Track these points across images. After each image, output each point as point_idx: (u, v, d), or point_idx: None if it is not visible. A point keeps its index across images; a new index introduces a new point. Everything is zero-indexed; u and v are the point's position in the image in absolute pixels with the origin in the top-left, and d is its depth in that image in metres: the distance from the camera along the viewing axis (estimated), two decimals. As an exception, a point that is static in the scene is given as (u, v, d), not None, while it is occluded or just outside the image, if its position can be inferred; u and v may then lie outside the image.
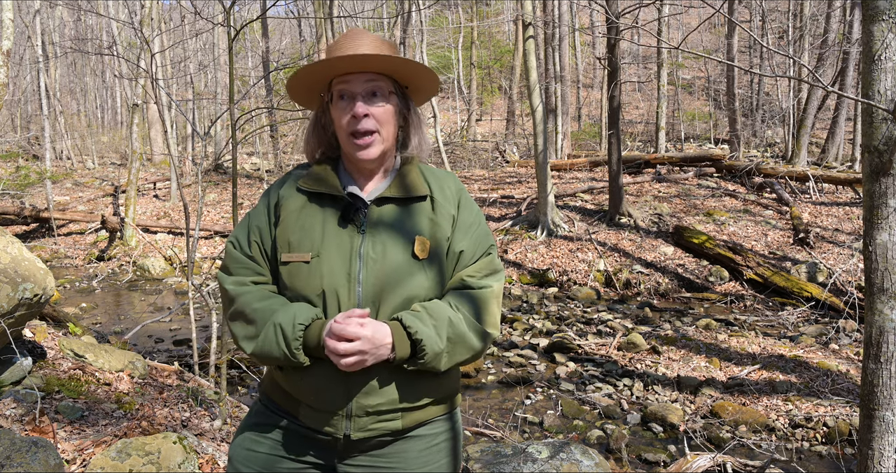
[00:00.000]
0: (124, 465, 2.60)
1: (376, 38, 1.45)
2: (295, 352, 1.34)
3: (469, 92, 25.40)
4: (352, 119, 1.41)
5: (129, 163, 12.14)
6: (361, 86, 1.41)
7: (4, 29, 4.89)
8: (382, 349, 1.33)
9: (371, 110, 1.41)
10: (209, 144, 19.73)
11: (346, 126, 1.42)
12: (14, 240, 3.24)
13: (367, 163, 1.45)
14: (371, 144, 1.42)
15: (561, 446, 3.52)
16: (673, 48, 2.72)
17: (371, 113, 1.41)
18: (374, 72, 1.42)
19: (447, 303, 1.41)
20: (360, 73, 1.41)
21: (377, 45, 1.44)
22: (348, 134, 1.42)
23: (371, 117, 1.41)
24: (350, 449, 1.43)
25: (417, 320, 1.35)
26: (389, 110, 1.44)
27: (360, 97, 1.40)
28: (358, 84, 1.41)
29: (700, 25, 4.22)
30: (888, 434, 2.57)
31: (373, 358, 1.33)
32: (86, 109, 30.18)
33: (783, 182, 11.92)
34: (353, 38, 1.43)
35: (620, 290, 9.10)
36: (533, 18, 10.54)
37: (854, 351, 6.04)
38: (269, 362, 1.41)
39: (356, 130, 1.40)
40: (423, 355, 1.35)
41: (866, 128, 2.53)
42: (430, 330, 1.35)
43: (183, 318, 7.82)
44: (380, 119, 1.42)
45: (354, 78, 1.41)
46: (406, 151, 1.52)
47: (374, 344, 1.31)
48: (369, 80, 1.41)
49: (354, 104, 1.40)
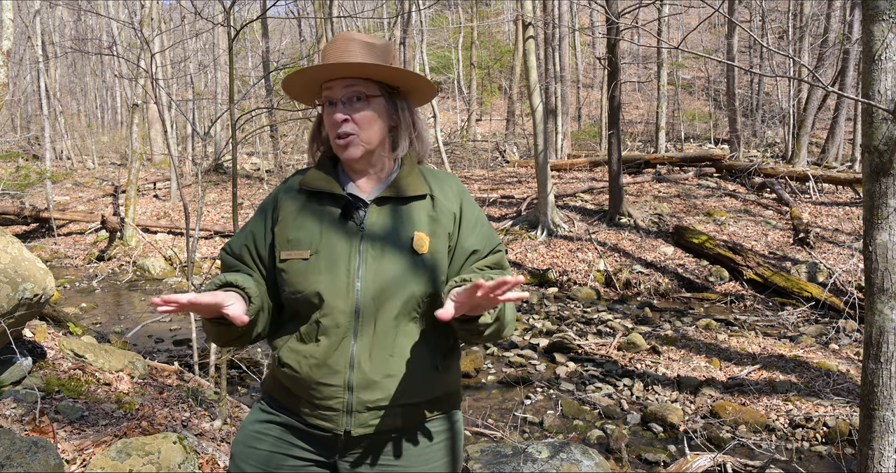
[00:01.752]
0: (124, 465, 2.60)
1: (363, 42, 1.46)
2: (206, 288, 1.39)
3: (469, 92, 25.40)
4: (333, 124, 1.45)
5: (129, 163, 12.14)
6: (341, 92, 1.44)
7: (4, 29, 4.89)
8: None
9: (350, 115, 1.44)
10: (209, 144, 19.72)
11: (331, 130, 1.46)
12: (14, 240, 3.24)
13: (353, 163, 1.48)
14: (350, 145, 1.44)
15: (561, 446, 3.52)
16: (673, 48, 2.72)
17: (350, 117, 1.44)
18: (354, 78, 1.45)
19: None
20: (340, 79, 1.45)
21: (364, 50, 1.45)
22: (333, 138, 1.46)
23: (350, 121, 1.44)
24: (351, 446, 1.44)
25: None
26: (369, 114, 1.46)
27: (341, 103, 1.44)
28: (338, 90, 1.45)
29: (700, 25, 4.22)
30: (888, 434, 2.57)
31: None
32: (86, 109, 30.18)
33: (783, 182, 11.92)
34: (338, 45, 1.46)
35: (620, 290, 9.10)
36: (533, 18, 10.54)
37: (854, 351, 6.04)
38: (209, 332, 1.43)
39: (337, 134, 1.45)
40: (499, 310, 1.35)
41: (866, 128, 2.53)
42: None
43: (183, 318, 7.82)
44: (359, 122, 1.44)
45: (335, 84, 1.45)
46: (397, 152, 1.52)
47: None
48: (348, 85, 1.44)
49: (335, 109, 1.44)
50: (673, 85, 24.08)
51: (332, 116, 1.44)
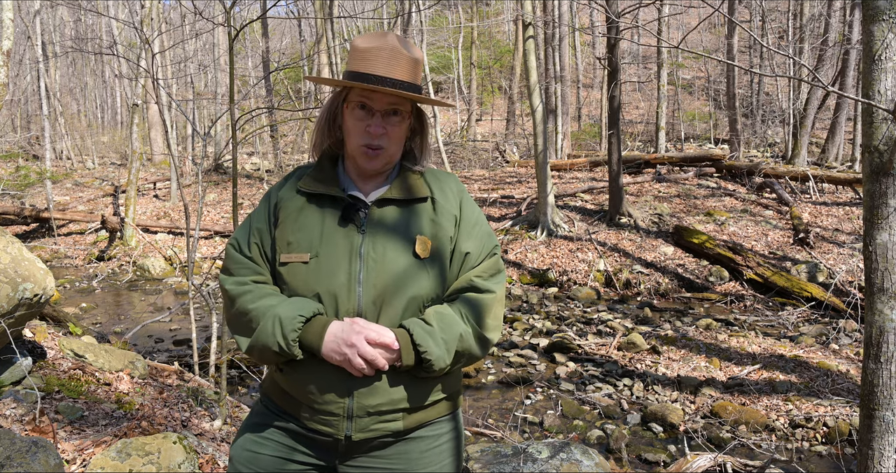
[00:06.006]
0: (124, 465, 2.60)
1: (406, 56, 1.43)
2: (291, 344, 1.34)
3: (469, 92, 25.39)
4: (366, 132, 1.43)
5: (129, 163, 12.14)
6: (383, 105, 1.43)
7: (4, 29, 4.89)
8: (388, 354, 1.36)
9: (387, 129, 1.44)
10: (209, 144, 19.72)
11: (360, 137, 1.44)
12: (14, 240, 3.24)
13: (369, 171, 1.48)
14: (378, 157, 1.45)
15: (561, 446, 3.52)
16: (673, 47, 2.72)
17: (387, 131, 1.43)
18: (399, 96, 1.44)
19: (458, 313, 1.42)
20: (383, 94, 1.43)
21: (407, 66, 1.43)
22: (360, 144, 1.44)
23: (386, 136, 1.44)
24: (351, 450, 1.43)
25: (428, 336, 1.36)
26: (404, 129, 1.48)
27: (380, 115, 1.43)
28: (380, 102, 1.43)
29: (700, 24, 4.22)
30: (888, 434, 2.57)
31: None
32: (86, 109, 30.18)
33: (783, 182, 11.91)
34: (383, 53, 1.42)
35: (620, 290, 9.10)
36: (533, 18, 10.53)
37: (854, 351, 6.04)
38: (264, 357, 1.40)
39: (369, 144, 1.43)
40: (428, 367, 1.37)
41: (866, 128, 2.53)
42: (439, 348, 1.36)
43: (183, 318, 7.82)
44: (392, 137, 1.45)
45: (377, 96, 1.43)
46: (410, 159, 1.54)
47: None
48: (392, 103, 1.43)
49: (373, 120, 1.42)
50: (673, 85, 24.07)
51: (368, 126, 1.42)
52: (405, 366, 1.36)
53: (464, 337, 1.39)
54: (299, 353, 1.36)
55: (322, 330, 1.34)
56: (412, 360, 1.36)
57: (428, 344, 1.35)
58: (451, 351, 1.37)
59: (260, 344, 1.37)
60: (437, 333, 1.36)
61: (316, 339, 1.34)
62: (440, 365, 1.36)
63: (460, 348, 1.39)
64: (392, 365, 1.37)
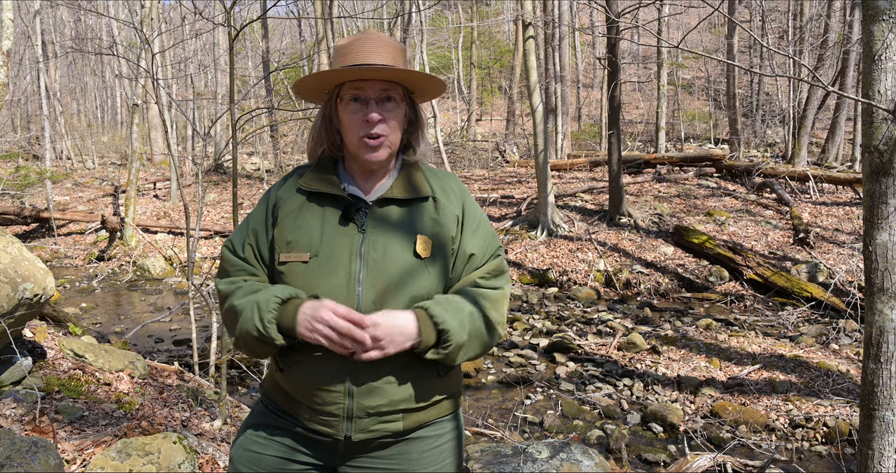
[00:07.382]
0: (124, 465, 2.60)
1: (390, 43, 1.45)
2: (267, 326, 1.32)
3: (469, 92, 25.39)
4: (364, 122, 1.41)
5: (129, 163, 12.14)
6: (376, 92, 1.42)
7: (4, 29, 4.89)
8: (403, 336, 1.32)
9: (384, 115, 1.42)
10: (209, 144, 19.72)
11: (358, 129, 1.42)
12: (14, 240, 3.24)
13: (372, 165, 1.46)
14: (380, 146, 1.43)
15: (561, 446, 3.52)
16: (673, 47, 2.72)
17: (384, 118, 1.42)
18: (389, 80, 1.43)
19: (465, 300, 1.41)
20: (374, 81, 1.42)
21: (391, 52, 1.44)
22: (360, 136, 1.42)
23: (384, 122, 1.42)
24: (351, 451, 1.43)
25: (443, 310, 1.35)
26: (400, 116, 1.46)
27: (375, 102, 1.42)
28: (373, 90, 1.42)
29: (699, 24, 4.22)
30: (888, 434, 2.57)
31: (394, 347, 1.32)
32: (86, 109, 30.19)
33: (783, 182, 11.91)
34: (367, 43, 1.43)
35: (620, 290, 9.10)
36: (533, 18, 10.53)
37: (854, 351, 6.04)
38: (249, 347, 1.39)
39: (369, 134, 1.41)
40: (447, 345, 1.35)
41: (866, 128, 2.53)
42: (454, 321, 1.35)
43: (183, 318, 7.82)
44: (391, 124, 1.44)
45: (369, 84, 1.42)
46: (408, 153, 1.53)
47: (392, 330, 1.31)
48: (384, 89, 1.43)
49: (368, 108, 1.41)
50: (673, 85, 24.08)
51: (365, 115, 1.41)
52: (424, 345, 1.34)
53: (474, 317, 1.39)
54: (278, 337, 1.34)
55: (295, 310, 1.33)
56: (433, 338, 1.34)
57: (445, 317, 1.34)
58: (465, 327, 1.36)
59: (243, 332, 1.37)
60: (450, 308, 1.36)
61: (290, 320, 1.33)
62: (458, 338, 1.34)
63: (471, 328, 1.38)
64: (412, 348, 1.34)
